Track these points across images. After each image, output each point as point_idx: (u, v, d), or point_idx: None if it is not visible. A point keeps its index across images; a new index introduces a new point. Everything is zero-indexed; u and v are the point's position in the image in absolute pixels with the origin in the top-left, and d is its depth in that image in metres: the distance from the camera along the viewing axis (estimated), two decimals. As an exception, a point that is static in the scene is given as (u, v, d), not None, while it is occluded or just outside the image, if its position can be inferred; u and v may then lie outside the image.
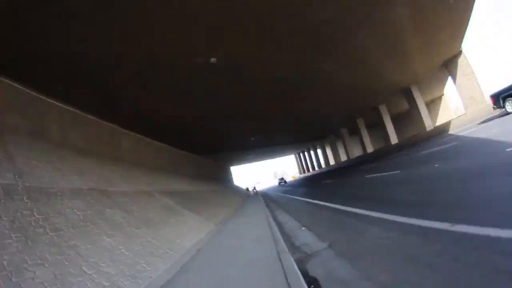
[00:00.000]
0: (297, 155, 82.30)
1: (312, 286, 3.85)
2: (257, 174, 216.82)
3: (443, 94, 44.84)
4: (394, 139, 34.62)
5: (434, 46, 20.45)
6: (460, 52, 24.36)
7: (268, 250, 5.64)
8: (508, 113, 15.41)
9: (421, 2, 13.54)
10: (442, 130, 26.51)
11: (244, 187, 59.25)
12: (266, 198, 28.03)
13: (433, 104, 43.41)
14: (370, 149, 40.10)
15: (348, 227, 6.50)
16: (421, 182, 8.81)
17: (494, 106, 16.48)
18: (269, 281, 3.94)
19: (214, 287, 4.17)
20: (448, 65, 25.78)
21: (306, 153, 71.75)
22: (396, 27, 14.94)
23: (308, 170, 72.28)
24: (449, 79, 31.65)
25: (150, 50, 9.70)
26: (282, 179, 65.01)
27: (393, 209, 6.28)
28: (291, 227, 8.79)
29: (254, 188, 52.53)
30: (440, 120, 41.36)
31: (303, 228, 8.03)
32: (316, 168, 66.53)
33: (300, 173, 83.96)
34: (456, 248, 3.50)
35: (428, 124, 29.27)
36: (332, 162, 58.15)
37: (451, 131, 24.35)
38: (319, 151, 65.32)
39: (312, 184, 29.11)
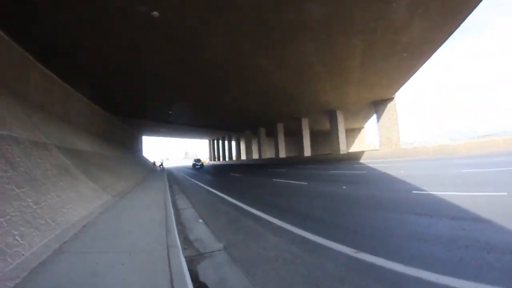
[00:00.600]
0: (211, 141, 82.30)
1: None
2: (168, 150, 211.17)
3: (363, 127, 48.21)
4: (307, 152, 36.35)
5: (372, 85, 22.04)
6: (392, 98, 26.80)
7: (158, 240, 5.05)
8: None
9: (376, 42, 14.14)
10: (354, 157, 28.56)
11: (152, 160, 56.61)
12: (171, 177, 27.04)
13: (352, 132, 46.45)
14: (282, 154, 41.46)
15: (248, 230, 6.28)
16: (327, 199, 9.17)
17: None
18: (151, 282, 3.40)
19: (84, 283, 3.50)
20: (377, 105, 28.13)
21: (220, 142, 71.89)
22: (345, 53, 15.39)
23: (219, 159, 72.65)
24: (373, 117, 34.06)
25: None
26: (198, 160, 54.84)
27: (297, 221, 6.35)
28: (188, 217, 8.32)
29: (161, 164, 50.16)
30: (353, 148, 44.11)
31: (200, 221, 7.64)
32: (227, 159, 66.93)
33: (210, 160, 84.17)
34: (360, 278, 3.52)
35: (343, 149, 31.33)
36: (243, 157, 58.74)
37: (362, 160, 26.35)
38: (233, 143, 66.31)
39: (220, 174, 28.81)
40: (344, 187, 11.26)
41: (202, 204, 10.81)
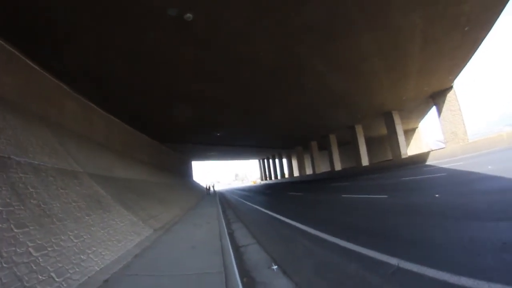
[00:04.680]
0: (261, 160, 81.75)
1: None
2: (218, 173, 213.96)
3: (417, 127, 44.79)
4: (365, 161, 34.58)
5: (432, 73, 19.94)
6: (451, 87, 24.35)
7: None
8: None
9: (435, 19, 12.40)
10: (419, 160, 26.15)
11: (204, 184, 55.46)
12: (223, 201, 25.39)
13: (406, 134, 43.00)
14: (338, 166, 39.76)
15: (355, 282, 3.86)
16: (432, 216, 6.49)
17: None
18: None
19: None
20: (436, 97, 25.73)
21: (270, 160, 70.73)
22: (405, 36, 13.50)
23: (271, 178, 71.68)
24: (428, 113, 31.99)
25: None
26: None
27: (420, 256, 4.12)
28: (254, 260, 5.86)
29: (212, 187, 48.88)
30: (410, 151, 40.89)
31: (275, 267, 5.13)
32: (279, 177, 65.27)
33: (262, 180, 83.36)
34: None
35: (404, 152, 29.11)
36: (296, 173, 56.94)
37: (430, 162, 23.99)
38: (284, 160, 64.99)
39: (276, 194, 26.18)
40: (436, 195, 8.63)
41: (269, 237, 8.20)
